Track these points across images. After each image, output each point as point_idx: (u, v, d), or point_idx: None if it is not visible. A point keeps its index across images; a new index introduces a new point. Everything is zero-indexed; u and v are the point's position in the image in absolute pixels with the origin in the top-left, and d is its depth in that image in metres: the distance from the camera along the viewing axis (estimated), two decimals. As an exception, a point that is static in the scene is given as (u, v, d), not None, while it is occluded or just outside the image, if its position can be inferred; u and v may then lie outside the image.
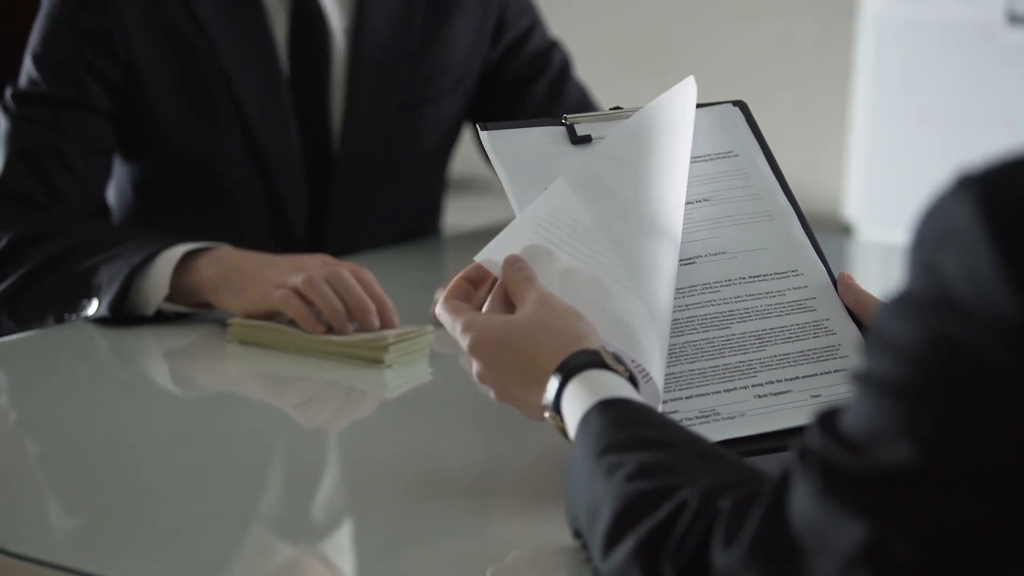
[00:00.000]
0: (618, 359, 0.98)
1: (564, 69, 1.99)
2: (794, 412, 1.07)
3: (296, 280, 1.45)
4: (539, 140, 1.18)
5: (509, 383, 1.02)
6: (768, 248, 1.16)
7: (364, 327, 1.45)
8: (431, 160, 1.97)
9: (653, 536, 0.80)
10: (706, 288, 1.13)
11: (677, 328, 1.10)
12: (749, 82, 3.30)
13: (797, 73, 3.24)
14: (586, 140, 1.19)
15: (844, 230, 2.99)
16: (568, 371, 0.97)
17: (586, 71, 2.11)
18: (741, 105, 1.26)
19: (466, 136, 2.04)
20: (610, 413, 0.92)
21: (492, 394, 1.05)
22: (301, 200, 1.83)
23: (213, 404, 1.37)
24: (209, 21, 1.74)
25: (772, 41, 3.25)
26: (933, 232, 0.70)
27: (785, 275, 1.15)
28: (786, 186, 1.21)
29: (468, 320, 1.04)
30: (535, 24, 1.98)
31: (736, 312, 1.13)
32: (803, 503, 0.73)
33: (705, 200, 1.18)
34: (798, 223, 1.18)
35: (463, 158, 2.21)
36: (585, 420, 0.92)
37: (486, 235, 1.15)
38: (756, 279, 1.15)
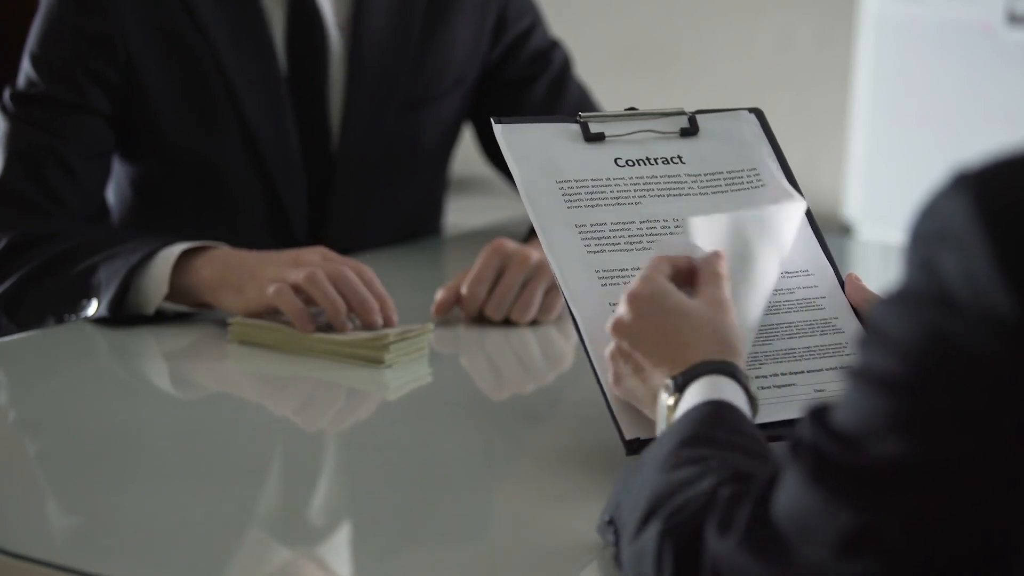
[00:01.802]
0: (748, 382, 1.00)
1: (564, 69, 1.99)
2: (797, 405, 1.08)
3: (297, 276, 1.45)
4: (552, 136, 1.20)
5: (648, 346, 1.02)
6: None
7: (366, 326, 1.45)
8: (431, 160, 1.96)
9: (670, 517, 0.82)
10: None
11: None
12: (749, 82, 3.30)
13: (797, 73, 3.24)
14: (599, 138, 1.20)
15: (844, 230, 2.99)
16: (709, 368, 0.98)
17: (586, 71, 2.11)
18: (757, 112, 1.27)
19: (466, 136, 2.04)
20: (711, 410, 0.93)
21: (609, 348, 1.05)
22: (301, 200, 1.83)
23: (213, 404, 1.37)
24: (208, 21, 1.74)
25: (772, 41, 3.25)
26: (930, 230, 0.70)
27: (796, 274, 1.16)
28: (798, 189, 1.22)
29: (653, 275, 1.05)
30: (535, 24, 1.98)
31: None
32: (792, 491, 0.73)
33: (720, 212, 1.19)
34: (808, 225, 1.20)
35: (463, 158, 2.21)
36: (688, 412, 0.94)
37: (486, 235, 1.16)
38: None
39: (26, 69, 1.72)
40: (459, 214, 2.38)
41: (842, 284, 1.17)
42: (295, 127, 1.81)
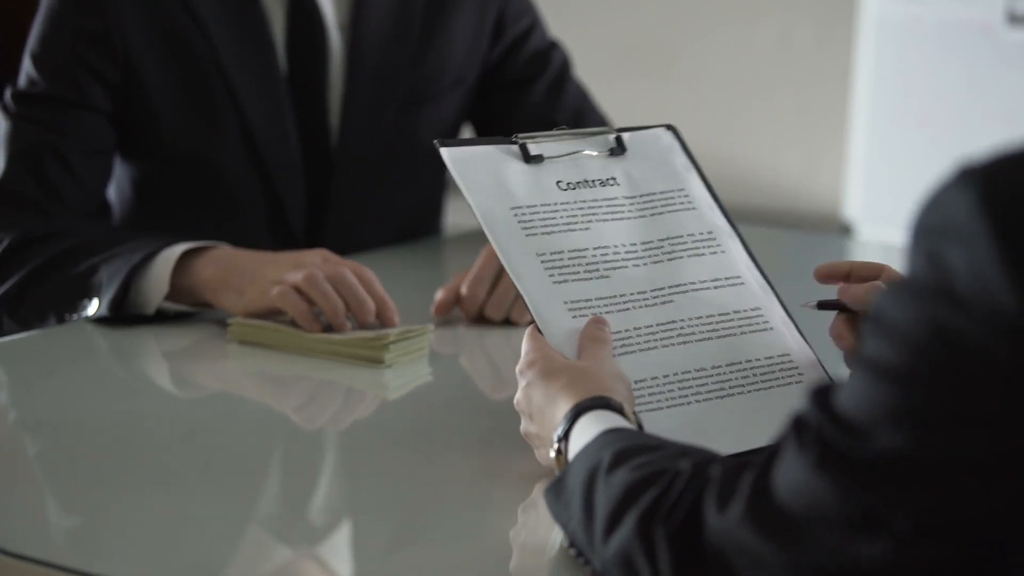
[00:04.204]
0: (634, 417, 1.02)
1: (564, 69, 1.99)
2: (757, 433, 1.09)
3: (296, 278, 1.45)
4: (495, 157, 1.21)
5: (539, 410, 1.05)
6: (717, 270, 1.20)
7: (363, 326, 1.46)
8: (430, 160, 1.95)
9: (651, 507, 0.82)
10: (672, 315, 1.16)
11: (639, 347, 1.14)
12: (749, 82, 3.30)
13: (797, 73, 3.24)
14: (538, 159, 1.21)
15: (844, 230, 2.99)
16: (586, 406, 1.00)
17: (586, 71, 2.11)
18: (672, 129, 1.29)
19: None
20: (613, 435, 0.94)
21: (523, 423, 1.10)
22: (300, 199, 1.83)
23: (213, 404, 1.37)
24: (208, 20, 1.74)
25: (772, 41, 3.25)
26: (934, 223, 0.70)
27: (732, 285, 1.19)
28: (721, 204, 1.25)
29: (538, 347, 1.09)
30: (534, 24, 1.98)
31: (696, 334, 1.15)
32: (797, 473, 0.74)
33: (662, 236, 1.21)
34: (739, 241, 1.23)
35: (463, 158, 2.21)
36: (588, 445, 0.95)
37: (486, 235, 1.16)
38: (710, 301, 1.18)
39: (27, 68, 1.72)
40: (459, 214, 2.38)
41: (775, 292, 1.20)
42: (295, 126, 1.81)
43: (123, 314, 1.51)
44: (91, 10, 1.70)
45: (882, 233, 2.81)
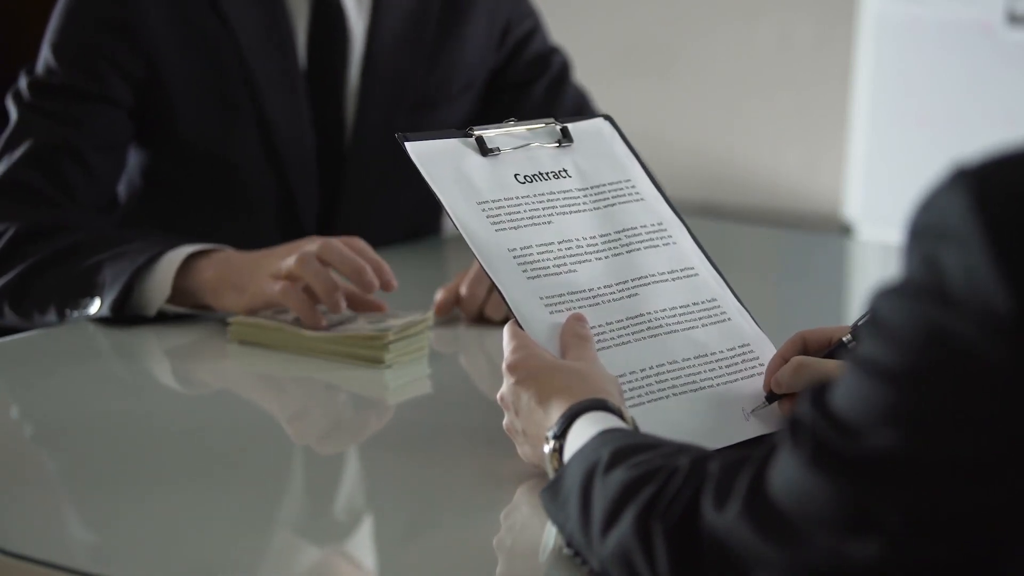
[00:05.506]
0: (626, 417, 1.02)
1: (563, 72, 2.00)
2: (735, 428, 1.11)
3: (290, 262, 1.45)
4: (454, 150, 1.22)
5: (528, 407, 1.05)
6: (672, 262, 1.21)
7: (364, 289, 1.45)
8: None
9: (648, 503, 0.82)
10: (638, 308, 1.17)
11: (613, 342, 1.15)
12: (749, 82, 3.30)
13: (797, 73, 3.24)
14: (495, 152, 1.22)
15: (844, 230, 2.99)
16: (583, 407, 1.00)
17: (586, 71, 2.12)
18: (609, 119, 1.30)
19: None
20: (610, 435, 0.95)
21: (506, 419, 1.09)
22: (312, 194, 1.83)
23: (214, 404, 1.37)
24: (231, 15, 1.74)
25: (772, 41, 3.25)
26: (928, 224, 0.71)
27: (688, 277, 1.20)
28: (664, 193, 1.27)
29: (523, 343, 1.09)
30: (536, 28, 1.99)
31: (663, 327, 1.16)
32: (791, 472, 0.74)
33: (617, 228, 1.22)
34: (685, 230, 1.24)
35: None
36: (584, 446, 0.95)
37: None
38: (671, 293, 1.19)
39: (46, 57, 1.70)
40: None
41: (726, 281, 1.21)
42: (311, 123, 1.81)
43: (124, 315, 1.51)
44: (114, 1, 1.70)
45: (882, 233, 2.81)
